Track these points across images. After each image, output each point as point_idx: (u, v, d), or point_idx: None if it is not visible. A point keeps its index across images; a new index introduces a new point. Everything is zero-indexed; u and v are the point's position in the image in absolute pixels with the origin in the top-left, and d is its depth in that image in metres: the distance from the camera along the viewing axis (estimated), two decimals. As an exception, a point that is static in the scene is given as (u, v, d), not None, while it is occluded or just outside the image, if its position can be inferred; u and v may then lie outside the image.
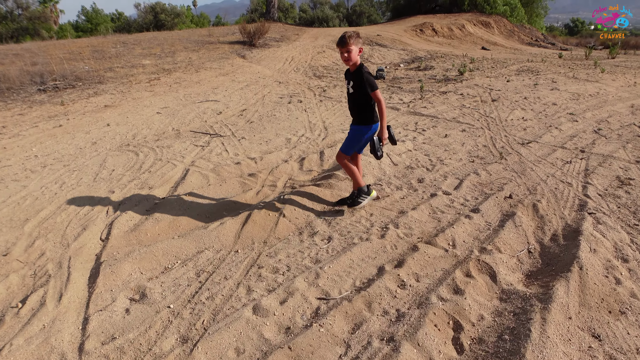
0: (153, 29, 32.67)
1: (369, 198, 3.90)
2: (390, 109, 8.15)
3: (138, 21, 43.05)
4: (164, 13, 40.75)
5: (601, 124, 7.20)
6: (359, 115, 3.60)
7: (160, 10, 40.67)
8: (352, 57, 3.37)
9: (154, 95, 9.66)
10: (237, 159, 5.36)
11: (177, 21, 41.06)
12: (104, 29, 40.51)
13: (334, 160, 5.32)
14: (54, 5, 46.76)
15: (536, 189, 4.42)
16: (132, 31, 35.60)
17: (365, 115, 3.57)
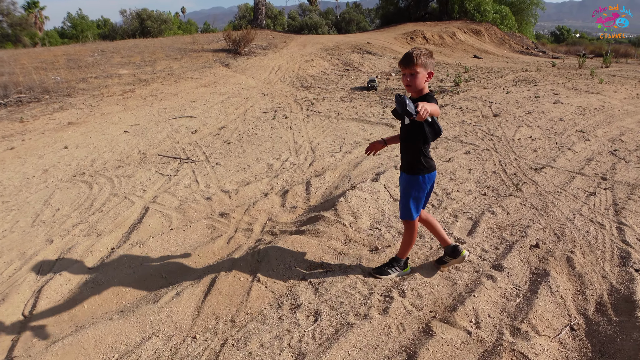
0: (139, 36, 31.74)
1: (401, 273, 3.06)
2: (385, 125, 7.40)
3: (124, 28, 42.10)
4: (150, 20, 39.84)
5: (615, 143, 6.56)
6: (413, 160, 2.75)
7: (146, 17, 39.75)
8: (417, 82, 2.56)
9: (125, 110, 8.81)
10: (208, 193, 4.55)
11: (163, 28, 40.16)
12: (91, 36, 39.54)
13: (322, 194, 4.54)
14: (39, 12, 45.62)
15: (564, 233, 3.68)
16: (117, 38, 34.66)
17: (419, 161, 2.73)
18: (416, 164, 2.73)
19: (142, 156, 5.85)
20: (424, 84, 2.60)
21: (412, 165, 2.76)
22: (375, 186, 4.33)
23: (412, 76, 2.54)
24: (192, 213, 4.08)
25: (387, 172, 4.81)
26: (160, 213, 4.04)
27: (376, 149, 2.99)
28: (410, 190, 2.79)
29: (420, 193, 2.79)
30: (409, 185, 2.79)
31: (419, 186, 2.77)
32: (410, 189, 2.79)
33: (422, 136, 2.63)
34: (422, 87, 2.60)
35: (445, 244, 3.06)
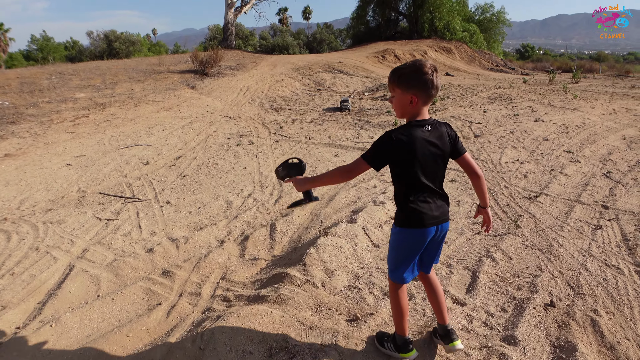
0: (107, 58, 30.72)
1: (396, 355, 2.30)
2: (360, 150, 6.77)
3: (91, 50, 40.97)
4: (119, 41, 38.87)
5: (606, 164, 6.10)
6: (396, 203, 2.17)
7: (114, 39, 38.78)
8: (393, 106, 2.08)
9: (73, 138, 7.93)
10: (151, 242, 3.76)
11: (132, 49, 39.22)
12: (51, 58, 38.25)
13: (289, 239, 3.81)
14: (3, 34, 43.99)
15: (580, 284, 3.06)
16: (84, 60, 33.51)
17: (398, 205, 2.14)
18: (397, 208, 2.15)
19: (80, 195, 5.01)
20: (407, 109, 2.02)
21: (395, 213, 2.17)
22: (352, 229, 3.64)
23: (392, 96, 2.07)
24: (127, 272, 3.28)
25: (365, 210, 4.13)
26: (86, 274, 3.23)
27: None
28: (392, 242, 2.21)
29: (401, 250, 2.16)
30: (392, 235, 2.20)
31: (397, 241, 2.17)
32: (392, 241, 2.20)
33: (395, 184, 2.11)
34: (403, 113, 2.05)
35: (442, 322, 2.38)
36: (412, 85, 1.96)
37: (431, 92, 1.98)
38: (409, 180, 2.03)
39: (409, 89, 1.97)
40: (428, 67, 1.94)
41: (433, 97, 2.02)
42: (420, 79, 1.95)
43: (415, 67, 1.96)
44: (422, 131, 1.98)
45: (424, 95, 1.97)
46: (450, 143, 2.09)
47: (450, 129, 2.13)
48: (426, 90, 1.96)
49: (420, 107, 2.01)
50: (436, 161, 2.04)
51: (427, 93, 1.97)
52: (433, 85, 1.96)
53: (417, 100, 1.97)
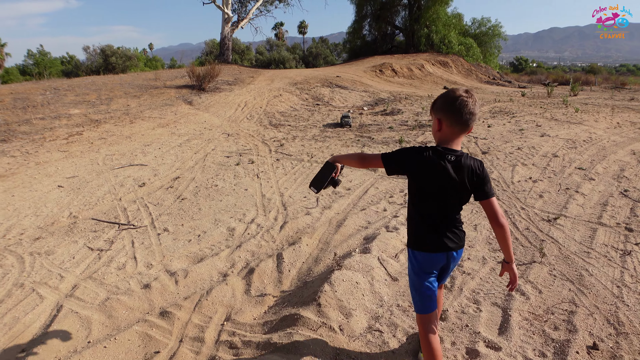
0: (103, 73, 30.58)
1: None
2: (365, 170, 6.51)
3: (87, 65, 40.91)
4: (115, 56, 38.83)
5: (621, 181, 5.88)
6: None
7: (110, 53, 38.74)
8: (435, 130, 2.00)
9: (66, 157, 7.63)
10: (147, 276, 3.45)
11: (128, 64, 39.17)
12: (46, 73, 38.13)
13: (298, 272, 3.52)
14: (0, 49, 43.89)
15: (620, 321, 2.78)
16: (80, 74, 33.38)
17: (408, 226, 2.15)
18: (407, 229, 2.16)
19: (71, 221, 4.70)
20: (436, 133, 1.99)
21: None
22: (368, 261, 3.35)
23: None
24: (121, 312, 2.97)
25: (379, 237, 3.84)
26: (76, 316, 2.91)
27: None
28: (408, 266, 2.17)
29: (415, 276, 2.10)
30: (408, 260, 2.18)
31: (412, 264, 2.12)
32: (409, 265, 2.17)
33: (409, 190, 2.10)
34: (434, 136, 2.02)
35: None
36: (439, 109, 1.94)
37: (459, 118, 1.88)
38: (417, 202, 2.03)
39: (437, 112, 1.95)
40: (459, 92, 1.89)
41: (464, 124, 1.90)
42: (446, 103, 1.90)
43: (448, 92, 1.93)
44: (443, 159, 1.92)
45: (450, 120, 1.90)
46: (473, 181, 1.96)
47: (480, 167, 1.98)
48: (453, 115, 1.88)
49: (449, 134, 1.93)
50: (447, 193, 1.97)
51: (454, 119, 1.89)
52: (461, 111, 1.86)
53: (442, 124, 1.93)
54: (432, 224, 2.01)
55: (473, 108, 1.87)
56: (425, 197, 2.00)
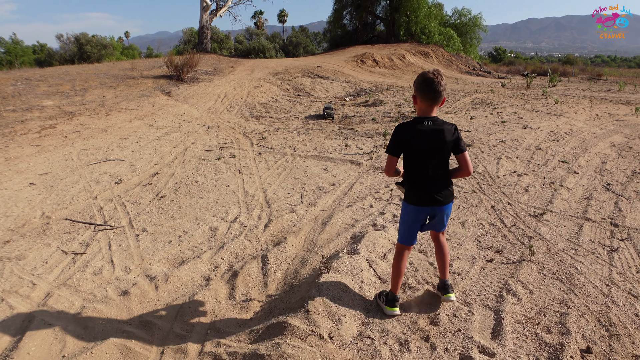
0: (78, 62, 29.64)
1: (384, 308, 2.77)
2: (350, 162, 6.40)
3: (61, 53, 39.60)
4: (90, 45, 37.68)
5: (604, 174, 5.93)
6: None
7: (85, 42, 37.57)
8: (414, 103, 2.62)
9: (38, 152, 7.31)
10: (126, 282, 3.28)
11: (104, 53, 38.08)
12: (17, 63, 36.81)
13: (284, 274, 3.40)
14: (-29, 38, 42.16)
15: (612, 322, 2.76)
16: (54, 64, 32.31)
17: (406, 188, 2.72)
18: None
19: (44, 221, 4.46)
20: (416, 107, 2.58)
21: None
22: (356, 262, 3.25)
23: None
24: (98, 322, 2.80)
25: (366, 237, 3.74)
26: (49, 327, 2.74)
27: None
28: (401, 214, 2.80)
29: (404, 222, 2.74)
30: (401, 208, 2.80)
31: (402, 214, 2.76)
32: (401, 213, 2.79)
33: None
34: (416, 110, 2.59)
35: (443, 277, 2.95)
36: (415, 87, 2.53)
37: (428, 94, 2.44)
38: (408, 164, 2.59)
39: (414, 90, 2.55)
40: (429, 74, 2.43)
41: (432, 99, 2.46)
42: (418, 82, 2.48)
43: (421, 73, 2.49)
44: (421, 125, 2.48)
45: (421, 96, 2.48)
46: (449, 139, 2.51)
47: (454, 129, 2.56)
48: (422, 92, 2.46)
49: (423, 107, 2.51)
50: (431, 150, 2.51)
51: (424, 95, 2.46)
52: (428, 89, 2.42)
53: (417, 100, 2.53)
54: (419, 183, 2.59)
55: (438, 86, 2.40)
56: (412, 159, 2.55)
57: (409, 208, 2.65)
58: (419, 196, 2.60)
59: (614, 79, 24.09)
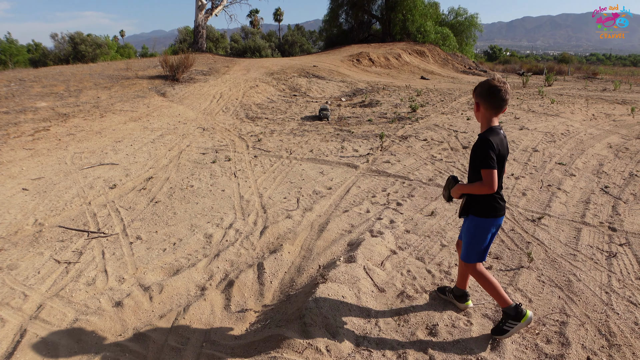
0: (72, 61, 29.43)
1: (521, 325, 2.60)
2: (346, 165, 6.36)
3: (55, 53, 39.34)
4: (84, 44, 37.44)
5: (601, 177, 5.92)
6: (472, 199, 2.58)
7: (79, 41, 37.34)
8: (475, 111, 2.53)
9: (32, 156, 7.23)
10: (120, 292, 3.23)
11: (99, 52, 37.84)
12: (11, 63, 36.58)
13: (281, 283, 3.35)
14: (-35, 37, 41.88)
15: (612, 331, 2.73)
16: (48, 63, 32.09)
17: (478, 200, 2.55)
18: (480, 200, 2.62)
19: (37, 229, 4.40)
20: (478, 116, 2.50)
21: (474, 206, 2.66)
22: (353, 271, 3.21)
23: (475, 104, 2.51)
24: (91, 336, 2.75)
25: (363, 244, 3.70)
26: (42, 342, 2.68)
27: None
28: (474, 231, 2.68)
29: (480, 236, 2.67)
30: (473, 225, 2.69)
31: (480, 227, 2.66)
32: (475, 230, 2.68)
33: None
34: (478, 119, 2.52)
35: (463, 287, 2.91)
36: (477, 94, 2.45)
37: (497, 103, 2.38)
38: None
39: (476, 97, 2.46)
40: (495, 82, 2.37)
41: (499, 108, 2.40)
42: (483, 88, 2.40)
43: (486, 80, 2.41)
44: (499, 134, 2.43)
45: (489, 104, 2.40)
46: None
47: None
48: (490, 101, 2.38)
49: (489, 115, 2.44)
50: (505, 162, 2.50)
51: (492, 104, 2.39)
52: (497, 98, 2.36)
53: (480, 107, 2.45)
54: (499, 195, 2.53)
55: (506, 94, 2.35)
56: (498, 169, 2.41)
57: (486, 222, 2.55)
58: (500, 207, 2.53)
59: (610, 78, 24.17)
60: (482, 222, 2.54)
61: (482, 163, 2.35)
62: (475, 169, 2.46)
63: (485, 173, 2.36)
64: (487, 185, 2.36)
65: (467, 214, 2.60)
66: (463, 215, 2.64)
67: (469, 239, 2.61)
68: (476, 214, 2.54)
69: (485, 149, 2.35)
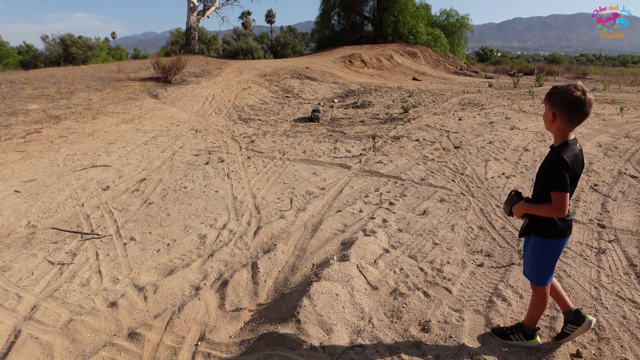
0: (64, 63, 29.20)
1: (525, 343, 2.58)
2: (339, 166, 6.40)
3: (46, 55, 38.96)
4: (75, 46, 37.11)
5: (590, 175, 6.00)
6: (536, 219, 2.35)
7: (70, 43, 36.99)
8: (543, 118, 2.29)
9: (23, 158, 7.19)
10: (114, 292, 3.24)
11: (90, 54, 37.52)
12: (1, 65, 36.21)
13: (275, 282, 3.38)
14: (-49, 38, 41.35)
15: (601, 325, 2.79)
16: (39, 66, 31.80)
17: (542, 221, 2.33)
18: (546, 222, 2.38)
19: (30, 231, 4.38)
20: (550, 125, 2.24)
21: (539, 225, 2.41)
22: (347, 269, 3.24)
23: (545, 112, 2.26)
24: (86, 336, 2.76)
25: (356, 243, 3.74)
26: (36, 342, 2.69)
27: None
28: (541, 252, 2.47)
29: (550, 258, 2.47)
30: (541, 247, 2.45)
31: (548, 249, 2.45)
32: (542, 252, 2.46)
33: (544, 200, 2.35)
34: (552, 130, 2.26)
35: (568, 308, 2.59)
36: (555, 104, 2.16)
37: (578, 117, 2.14)
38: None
39: (552, 107, 2.18)
40: (578, 92, 2.09)
41: (579, 121, 2.17)
42: (565, 100, 2.11)
43: (564, 89, 2.12)
44: (574, 150, 2.19)
45: (568, 117, 2.14)
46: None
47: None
48: (571, 114, 2.12)
49: (565, 128, 2.18)
50: (578, 179, 2.28)
51: (573, 117, 2.14)
52: (579, 111, 2.10)
53: (555, 119, 2.17)
54: (569, 213, 2.31)
55: (589, 107, 2.10)
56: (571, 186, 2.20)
57: (554, 242, 2.34)
58: (566, 226, 2.34)
59: (599, 78, 24.46)
60: (548, 243, 2.35)
61: (554, 185, 2.14)
62: (543, 188, 2.26)
63: (557, 196, 2.15)
64: (557, 209, 2.17)
65: (529, 234, 2.42)
66: (524, 236, 2.45)
67: (537, 260, 2.41)
68: (541, 234, 2.35)
69: (560, 170, 2.12)
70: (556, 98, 2.15)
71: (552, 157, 2.18)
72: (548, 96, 2.20)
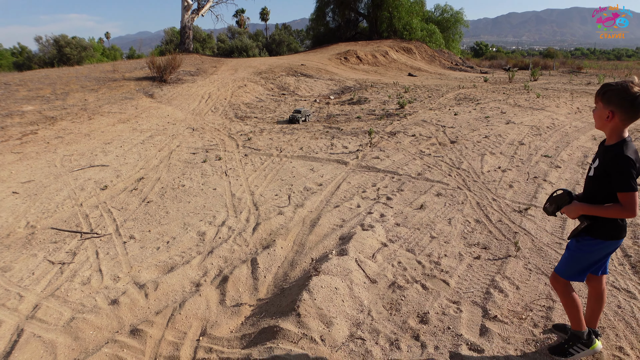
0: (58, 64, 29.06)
1: (588, 351, 2.43)
2: (336, 162, 6.43)
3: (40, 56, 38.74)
4: (69, 46, 36.90)
5: (586, 168, 6.04)
6: (597, 221, 2.19)
7: (64, 44, 36.79)
8: (594, 117, 2.18)
9: (20, 159, 7.18)
10: (115, 290, 3.26)
11: (84, 55, 37.32)
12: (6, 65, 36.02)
13: (274, 277, 3.41)
14: (-52, 41, 41.08)
15: (596, 314, 2.82)
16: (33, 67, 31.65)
17: (604, 222, 2.17)
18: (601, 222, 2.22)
19: (29, 231, 4.40)
20: (604, 123, 2.10)
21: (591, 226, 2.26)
22: (345, 263, 3.28)
23: (595, 110, 2.16)
24: (88, 333, 2.79)
25: (355, 237, 3.78)
26: (39, 340, 2.71)
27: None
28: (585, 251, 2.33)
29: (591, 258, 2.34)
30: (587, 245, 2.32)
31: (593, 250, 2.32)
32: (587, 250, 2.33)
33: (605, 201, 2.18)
34: (601, 125, 2.14)
35: (593, 327, 2.53)
36: (612, 102, 2.04)
37: (632, 113, 2.01)
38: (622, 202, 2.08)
39: (608, 105, 2.06)
40: (637, 88, 1.97)
41: (636, 118, 2.04)
42: (622, 98, 2.00)
43: (622, 85, 2.00)
44: (634, 147, 2.07)
45: (628, 115, 2.03)
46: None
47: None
48: (632, 112, 2.01)
49: (622, 126, 2.07)
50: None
51: (627, 113, 2.02)
52: (638, 107, 1.99)
53: (614, 117, 2.05)
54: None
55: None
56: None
57: (604, 244, 2.22)
58: (625, 226, 2.20)
59: (594, 72, 24.57)
60: (604, 244, 2.22)
61: (623, 185, 2.00)
62: (605, 188, 2.10)
63: (627, 197, 2.00)
64: (630, 210, 2.01)
65: (585, 235, 2.25)
66: (579, 236, 2.28)
67: (578, 255, 2.29)
68: (600, 236, 2.20)
69: (627, 168, 2.00)
70: (612, 95, 2.03)
71: (614, 157, 2.05)
72: (602, 94, 2.08)
